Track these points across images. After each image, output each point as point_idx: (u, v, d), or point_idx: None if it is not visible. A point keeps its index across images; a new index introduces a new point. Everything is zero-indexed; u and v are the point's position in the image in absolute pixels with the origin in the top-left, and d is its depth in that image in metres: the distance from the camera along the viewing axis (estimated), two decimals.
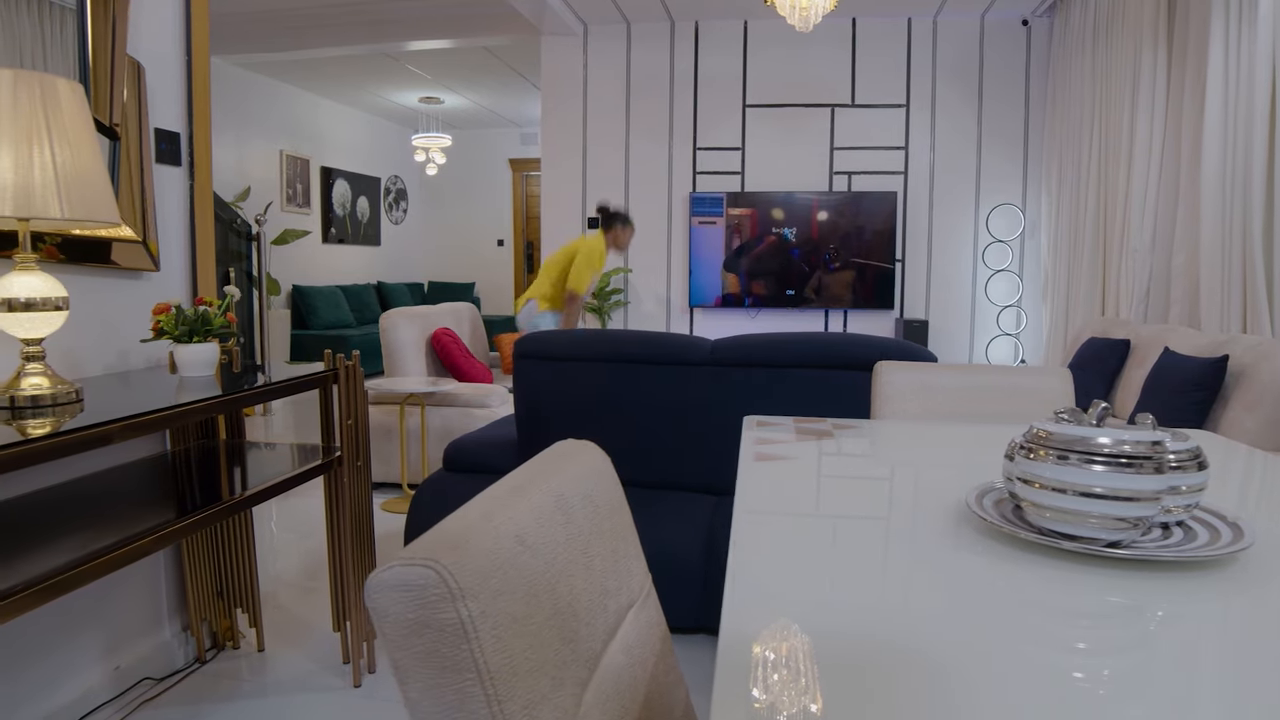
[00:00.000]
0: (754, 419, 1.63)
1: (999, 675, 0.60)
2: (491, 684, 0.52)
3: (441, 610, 0.51)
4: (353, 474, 2.06)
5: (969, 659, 0.62)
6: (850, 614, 0.70)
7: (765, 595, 0.74)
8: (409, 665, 0.52)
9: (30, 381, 1.51)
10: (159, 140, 2.11)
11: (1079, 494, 0.92)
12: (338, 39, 5.79)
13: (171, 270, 2.16)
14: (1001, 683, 0.58)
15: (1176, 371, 3.27)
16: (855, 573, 0.81)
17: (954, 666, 0.60)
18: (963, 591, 0.77)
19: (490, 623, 0.53)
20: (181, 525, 1.54)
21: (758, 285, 5.72)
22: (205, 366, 1.88)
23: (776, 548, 0.88)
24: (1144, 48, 4.05)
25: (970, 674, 0.59)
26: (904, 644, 0.64)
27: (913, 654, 0.62)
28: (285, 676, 2.17)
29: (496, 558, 0.57)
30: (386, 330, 3.88)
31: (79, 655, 1.91)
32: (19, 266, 1.50)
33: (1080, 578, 0.81)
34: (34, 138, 1.41)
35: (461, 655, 0.52)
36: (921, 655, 0.62)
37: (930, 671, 0.59)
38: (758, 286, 5.72)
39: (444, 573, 0.52)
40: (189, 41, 2.18)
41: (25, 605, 1.22)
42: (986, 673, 0.60)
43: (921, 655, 0.62)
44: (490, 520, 0.61)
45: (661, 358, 2.30)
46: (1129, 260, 4.23)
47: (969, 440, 1.48)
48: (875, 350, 2.26)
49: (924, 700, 0.55)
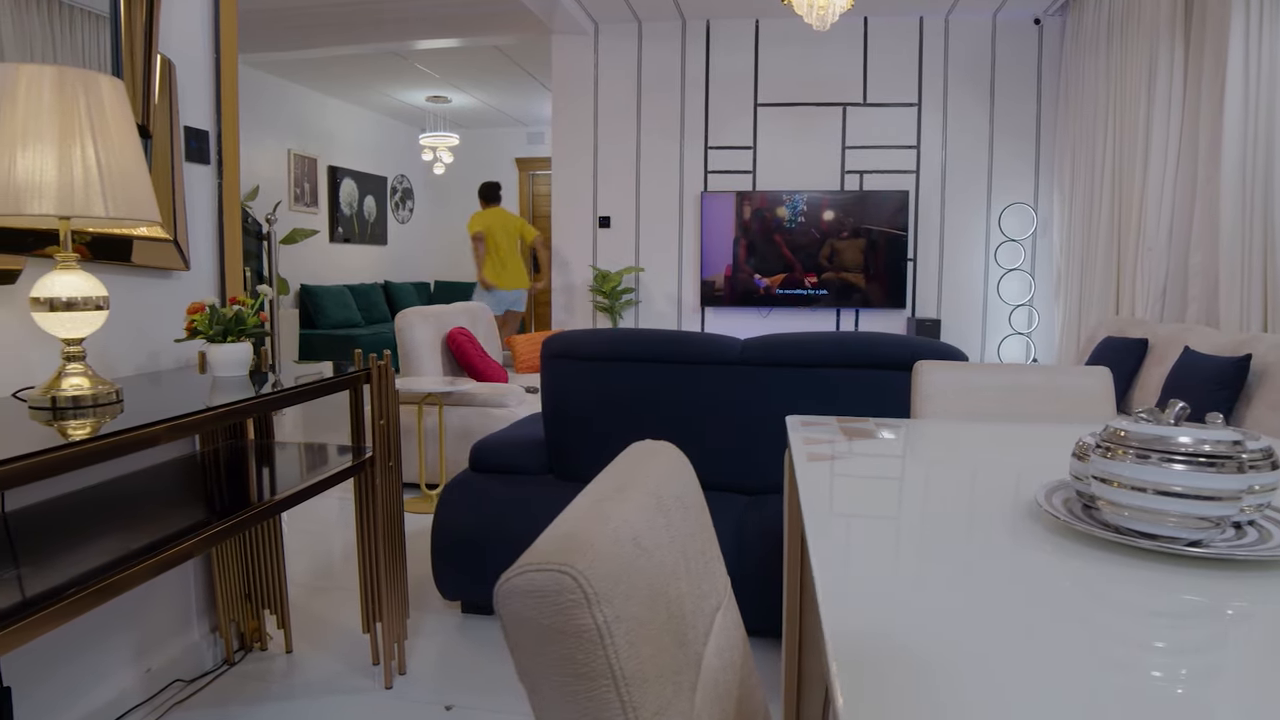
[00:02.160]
0: (797, 419, 1.61)
1: (1077, 673, 0.59)
2: (626, 690, 0.51)
3: (577, 616, 0.50)
4: (385, 475, 2.05)
5: (1048, 656, 0.61)
6: (934, 614, 0.69)
7: (855, 597, 0.73)
8: (540, 673, 0.51)
9: (71, 382, 1.49)
10: (188, 138, 2.09)
11: (1158, 493, 0.91)
12: (347, 38, 5.78)
13: (201, 269, 2.15)
14: (1080, 680, 0.58)
15: (1198, 370, 3.26)
16: (933, 572, 0.81)
17: (1034, 664, 0.60)
18: (1038, 590, 0.76)
19: (623, 628, 0.52)
20: (222, 529, 1.53)
21: (769, 285, 5.71)
22: (239, 366, 1.87)
23: (853, 548, 0.88)
24: (1160, 46, 4.04)
25: (1049, 671, 0.59)
26: (986, 642, 0.63)
27: (995, 652, 0.62)
28: (314, 678, 2.16)
29: (620, 561, 0.56)
30: (402, 330, 3.87)
31: (111, 656, 1.89)
32: (60, 266, 1.49)
33: (1155, 576, 0.80)
34: (77, 135, 1.39)
35: (597, 662, 0.51)
36: (1005, 653, 0.61)
37: (1011, 669, 0.59)
38: (769, 286, 5.71)
39: (579, 578, 0.51)
40: (217, 39, 2.17)
41: (75, 610, 1.20)
42: (1065, 670, 0.59)
43: (1005, 653, 0.61)
44: (607, 523, 0.59)
45: (692, 357, 2.29)
46: (1145, 259, 4.22)
47: (1017, 439, 1.47)
48: (906, 350, 2.25)
49: (1010, 697, 0.55)
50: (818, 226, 5.63)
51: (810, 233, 5.64)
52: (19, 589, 1.21)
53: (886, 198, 5.55)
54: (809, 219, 5.63)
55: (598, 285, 5.74)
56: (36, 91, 1.36)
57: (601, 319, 5.96)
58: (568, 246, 5.99)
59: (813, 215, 5.62)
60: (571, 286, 6.01)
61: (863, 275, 5.64)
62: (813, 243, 5.65)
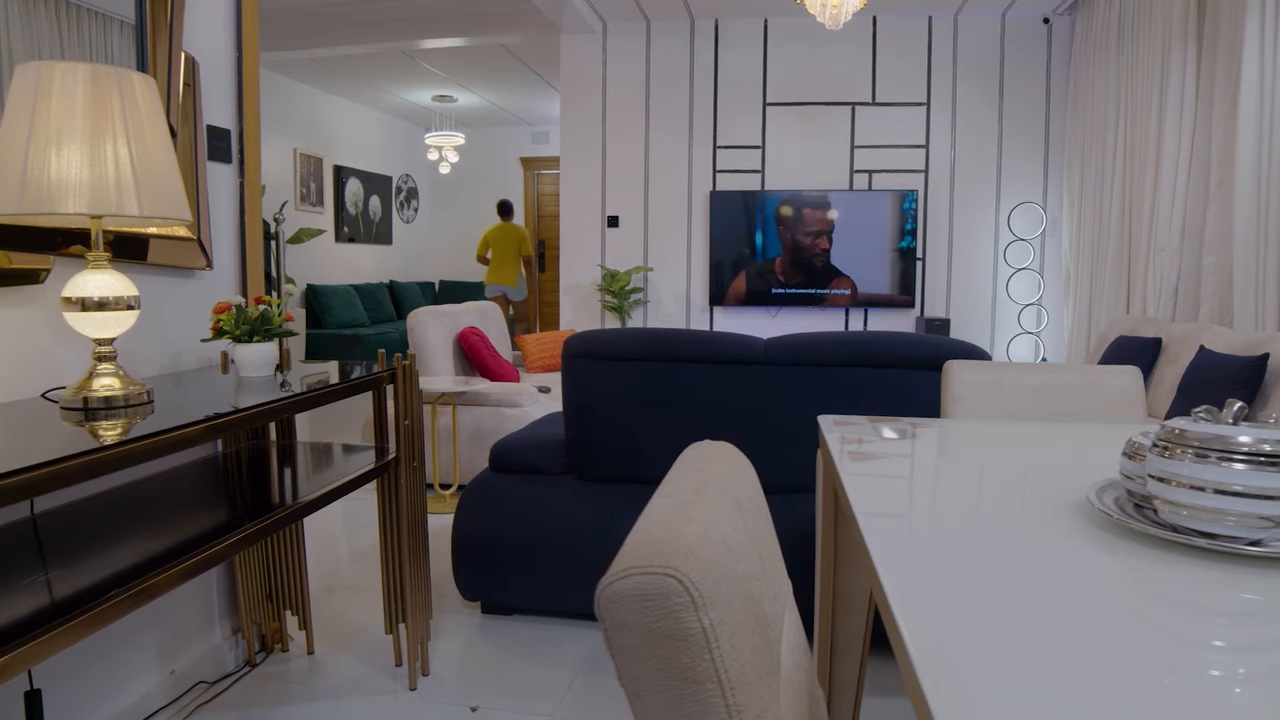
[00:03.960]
0: (829, 418, 1.61)
1: (1135, 671, 0.59)
2: (732, 694, 0.51)
3: (685, 620, 0.49)
4: (409, 475, 2.04)
5: (1107, 655, 0.61)
6: (1001, 616, 0.69)
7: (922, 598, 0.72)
8: (646, 677, 0.51)
9: (102, 382, 1.48)
10: (210, 137, 2.08)
11: (1218, 492, 0.91)
12: (354, 37, 5.76)
13: (223, 269, 2.14)
14: (1138, 679, 0.58)
15: (1214, 370, 3.26)
16: (994, 574, 0.80)
17: (1093, 662, 0.60)
18: (1096, 588, 0.76)
19: (727, 631, 0.52)
20: (253, 531, 1.52)
21: (778, 283, 5.70)
22: (265, 366, 1.86)
23: (910, 548, 0.87)
24: (1173, 45, 4.03)
25: (1107, 669, 0.59)
26: (1049, 642, 0.63)
27: (1057, 651, 0.62)
28: (337, 680, 2.15)
29: (717, 564, 0.55)
30: (415, 329, 3.86)
31: (137, 658, 1.89)
32: (91, 265, 1.48)
33: (1213, 575, 0.80)
34: (110, 133, 1.38)
35: (703, 665, 0.50)
36: (1066, 652, 0.61)
37: (1072, 668, 0.59)
38: (778, 285, 5.71)
39: (686, 581, 0.50)
40: (239, 37, 2.16)
41: (110, 616, 1.19)
42: (1123, 669, 0.59)
43: (1066, 652, 0.61)
44: (696, 525, 0.59)
45: (714, 356, 2.28)
46: (1156, 259, 4.21)
47: (1056, 438, 1.46)
48: (930, 349, 2.24)
49: (1073, 696, 0.55)
50: (826, 226, 5.62)
51: (819, 232, 5.64)
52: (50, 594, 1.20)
53: (895, 197, 5.54)
54: (818, 218, 5.62)
55: (606, 285, 5.73)
56: (70, 89, 1.36)
57: (610, 319, 5.95)
58: (576, 246, 5.98)
59: (821, 214, 5.62)
60: (579, 286, 6.00)
61: (872, 275, 5.63)
62: (821, 242, 5.64)
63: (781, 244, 5.68)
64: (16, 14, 1.63)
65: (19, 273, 1.60)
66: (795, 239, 5.66)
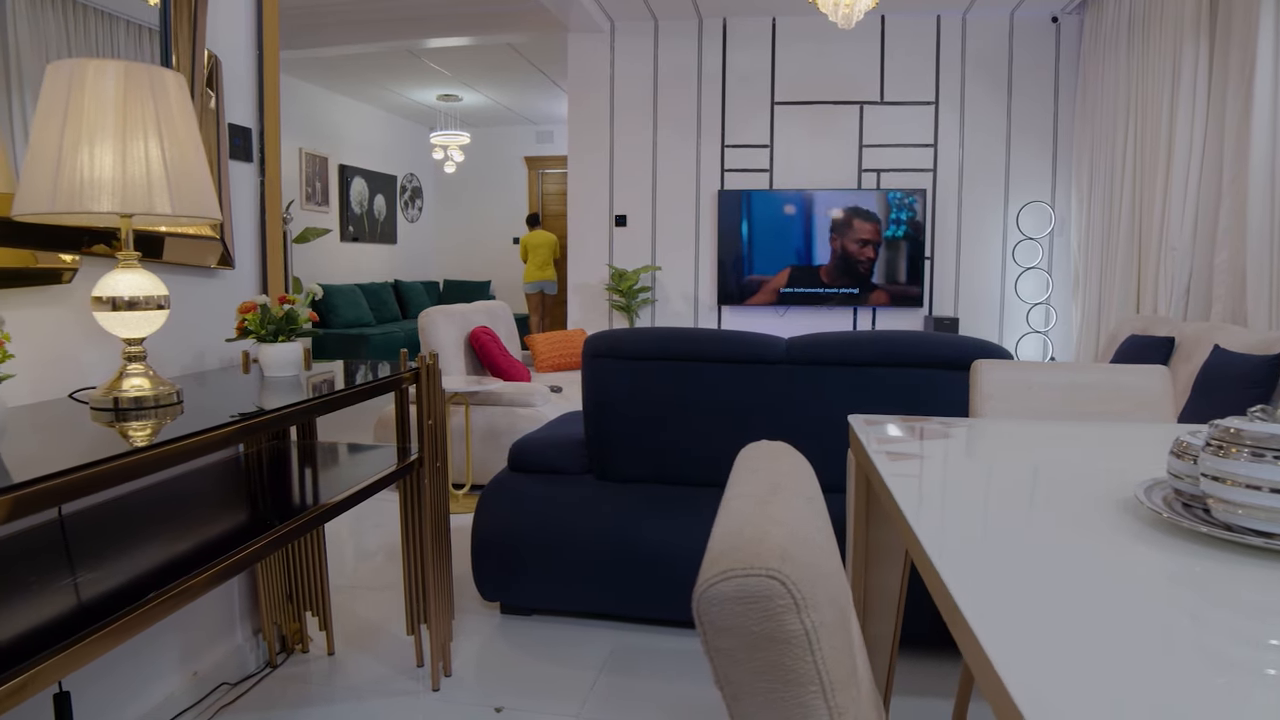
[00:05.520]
0: (859, 418, 1.60)
1: (1190, 670, 0.58)
2: (833, 695, 0.50)
3: (788, 622, 0.49)
4: (432, 476, 2.03)
5: (1162, 653, 0.61)
6: (1060, 611, 0.69)
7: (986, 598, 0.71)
8: (746, 681, 0.50)
9: (132, 383, 1.47)
10: (232, 136, 2.08)
11: (1274, 490, 0.91)
12: (360, 36, 5.75)
13: (245, 268, 2.13)
14: (1192, 678, 0.57)
15: (1229, 369, 3.25)
16: (1048, 569, 0.80)
17: (1150, 660, 0.60)
18: (1151, 586, 0.76)
19: (826, 633, 0.51)
20: (281, 535, 1.51)
21: (786, 283, 5.70)
22: (291, 366, 1.85)
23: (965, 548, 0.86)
24: (1184, 44, 4.02)
25: (1163, 668, 0.59)
26: (1110, 637, 0.63)
27: (1120, 651, 0.61)
28: (358, 681, 2.15)
29: (810, 565, 0.54)
30: (426, 329, 3.85)
31: (160, 658, 1.88)
32: (122, 265, 1.47)
33: (1268, 575, 0.79)
34: (142, 131, 1.38)
35: (805, 668, 0.49)
36: (1127, 651, 0.61)
37: (1133, 667, 0.59)
38: (786, 284, 5.70)
39: (788, 582, 0.49)
40: (260, 35, 2.15)
41: (140, 624, 1.17)
42: (1178, 667, 0.59)
43: (1127, 651, 0.61)
44: (781, 525, 0.58)
45: (736, 356, 2.28)
46: (1168, 258, 4.20)
47: (1089, 438, 1.46)
48: (952, 349, 2.23)
49: (1134, 695, 0.55)
50: (834, 225, 5.62)
51: (827, 231, 5.63)
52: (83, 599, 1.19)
53: (904, 196, 5.54)
54: (826, 217, 5.62)
55: (614, 284, 5.73)
56: (103, 87, 1.35)
57: (618, 318, 5.94)
58: (584, 245, 5.97)
59: (830, 213, 5.61)
60: (587, 285, 5.99)
61: (880, 274, 5.63)
62: (830, 241, 5.63)
63: (789, 243, 5.67)
64: (24, 13, 1.62)
65: (44, 272, 1.59)
66: (803, 238, 5.65)
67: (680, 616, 2.31)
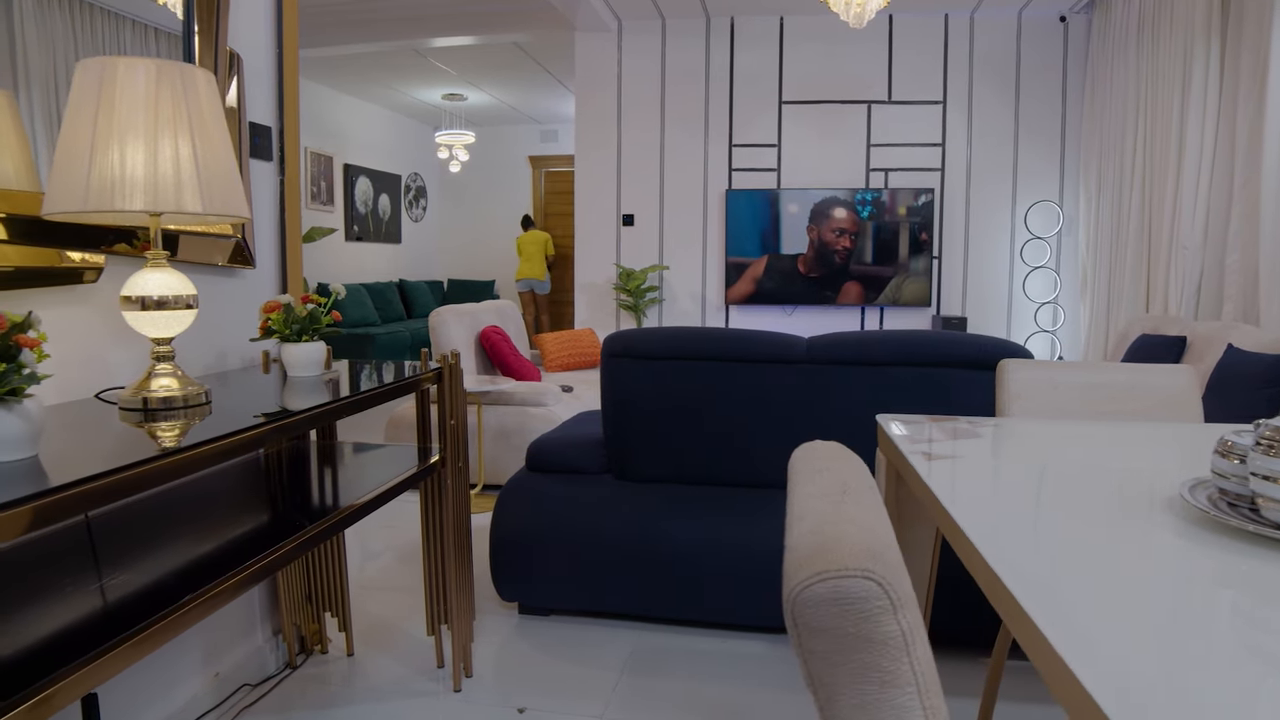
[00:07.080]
0: (888, 417, 1.59)
1: (1243, 669, 0.58)
2: (928, 697, 0.49)
3: (884, 623, 0.48)
4: (454, 476, 2.03)
5: (1213, 652, 0.61)
6: (1116, 609, 0.69)
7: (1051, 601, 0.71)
8: (841, 683, 0.49)
9: (161, 383, 1.47)
10: (252, 134, 2.07)
11: None
12: (366, 35, 5.75)
13: (265, 267, 2.12)
14: (1245, 676, 0.57)
15: (1244, 368, 3.25)
16: (1098, 568, 0.80)
17: (1203, 660, 0.59)
18: (1199, 585, 0.76)
19: (919, 634, 0.50)
20: (306, 538, 1.50)
21: (794, 282, 5.69)
22: (314, 366, 1.85)
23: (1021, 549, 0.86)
24: (1195, 44, 4.02)
25: (1215, 667, 0.58)
26: (1170, 643, 0.63)
27: (1173, 652, 0.61)
28: (378, 681, 2.14)
29: (898, 564, 0.54)
30: (436, 328, 3.84)
31: (183, 660, 1.87)
32: (151, 264, 1.46)
33: None
34: (173, 130, 1.37)
35: (902, 669, 0.49)
36: (1180, 651, 0.61)
37: (1189, 668, 0.58)
38: (794, 283, 5.69)
39: (885, 583, 0.49)
40: (280, 34, 2.15)
41: (170, 632, 1.15)
42: (1231, 666, 0.58)
43: (1180, 651, 0.61)
44: (858, 525, 0.57)
45: (755, 355, 2.27)
46: (1178, 258, 4.20)
47: (1121, 437, 1.45)
48: (972, 348, 2.23)
49: (1189, 695, 0.54)
50: (842, 224, 5.61)
51: (835, 230, 5.62)
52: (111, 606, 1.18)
53: (911, 195, 5.53)
54: (834, 216, 5.61)
55: (622, 283, 5.72)
56: (133, 85, 1.34)
57: (625, 317, 5.94)
58: (591, 244, 5.97)
59: (837, 213, 5.60)
60: (594, 285, 5.99)
61: (888, 273, 5.62)
62: (837, 240, 5.63)
63: (797, 242, 5.66)
64: (31, 12, 1.61)
65: (69, 271, 1.59)
66: (811, 237, 5.64)
67: (703, 616, 2.30)
